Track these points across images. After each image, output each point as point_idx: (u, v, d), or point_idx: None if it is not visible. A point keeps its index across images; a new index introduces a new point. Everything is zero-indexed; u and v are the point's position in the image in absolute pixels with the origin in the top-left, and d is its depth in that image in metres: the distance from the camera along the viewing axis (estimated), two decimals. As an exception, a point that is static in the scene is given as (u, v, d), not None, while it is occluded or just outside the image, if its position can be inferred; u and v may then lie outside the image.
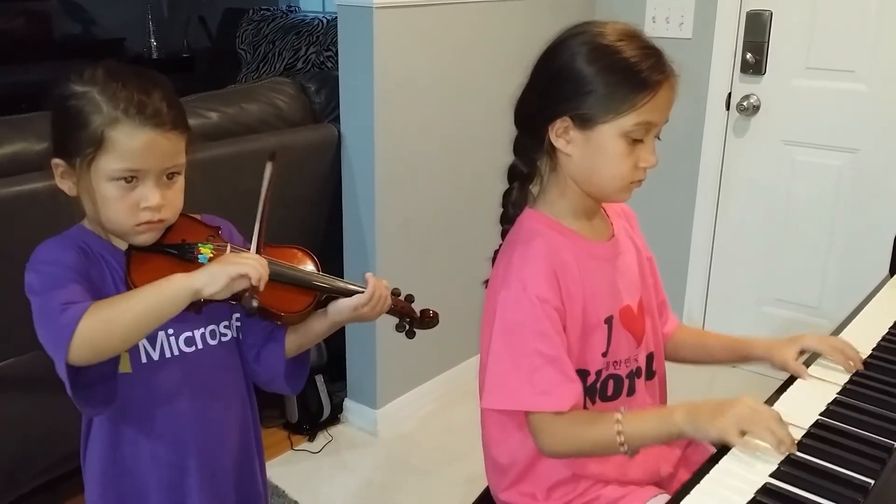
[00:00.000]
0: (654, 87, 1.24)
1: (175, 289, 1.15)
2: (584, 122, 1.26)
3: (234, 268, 1.16)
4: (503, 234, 1.41)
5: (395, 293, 1.41)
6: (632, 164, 1.28)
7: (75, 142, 1.19)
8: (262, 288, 1.18)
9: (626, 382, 1.39)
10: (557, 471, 1.37)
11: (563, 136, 1.29)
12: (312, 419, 2.70)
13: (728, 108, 3.03)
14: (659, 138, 1.31)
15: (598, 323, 1.35)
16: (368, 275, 1.35)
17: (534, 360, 1.26)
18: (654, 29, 3.05)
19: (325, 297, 1.34)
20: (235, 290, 1.16)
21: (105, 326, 1.12)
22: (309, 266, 1.36)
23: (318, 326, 1.35)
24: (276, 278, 1.29)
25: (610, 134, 1.26)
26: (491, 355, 1.31)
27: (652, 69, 1.24)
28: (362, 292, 1.35)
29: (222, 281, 1.15)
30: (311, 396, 2.68)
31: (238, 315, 1.35)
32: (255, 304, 1.16)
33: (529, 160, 1.36)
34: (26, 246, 1.25)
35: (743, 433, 1.15)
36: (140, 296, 1.15)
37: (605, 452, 1.30)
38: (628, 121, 1.24)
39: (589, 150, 1.28)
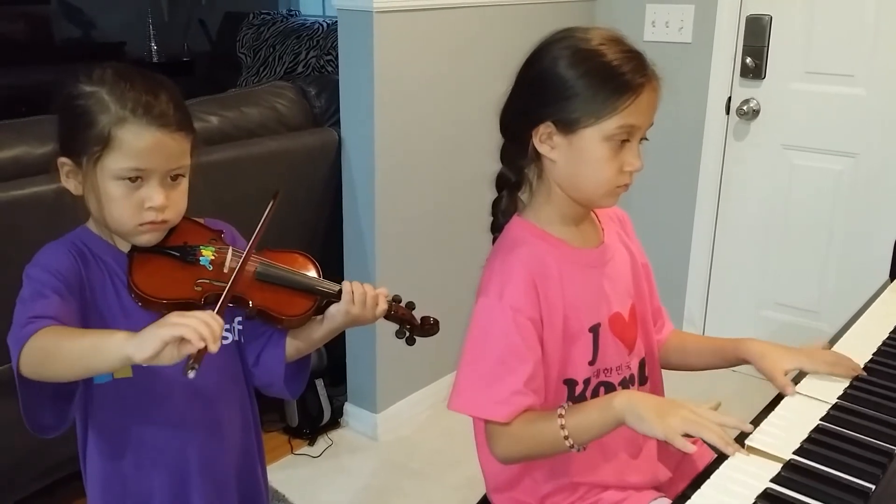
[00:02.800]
0: (635, 90, 1.23)
1: (109, 348, 1.08)
2: (567, 126, 1.26)
3: (167, 330, 1.04)
4: (494, 242, 1.41)
5: (396, 300, 1.40)
6: (616, 168, 1.27)
7: (82, 140, 1.20)
8: (213, 349, 1.05)
9: (619, 390, 1.38)
10: (553, 478, 1.36)
11: (547, 141, 1.28)
12: (312, 423, 2.70)
13: (728, 113, 3.03)
14: (646, 138, 1.30)
15: (582, 331, 1.34)
16: (343, 282, 1.34)
17: (496, 370, 1.26)
18: (654, 34, 3.06)
19: (326, 302, 1.34)
20: (181, 354, 1.05)
21: (45, 354, 1.11)
22: (310, 271, 1.36)
23: (317, 332, 1.35)
24: (276, 282, 1.30)
25: (593, 138, 1.25)
26: (461, 359, 1.31)
27: (634, 72, 1.24)
28: None
29: (153, 345, 1.04)
30: (312, 400, 2.68)
31: (240, 318, 1.36)
32: (191, 374, 1.04)
33: (516, 167, 1.35)
34: (27, 249, 1.25)
35: (686, 436, 1.14)
36: (82, 340, 1.11)
37: (556, 451, 1.26)
38: (610, 124, 1.24)
39: (572, 155, 1.27)
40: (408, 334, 1.43)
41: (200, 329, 1.04)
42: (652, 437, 1.18)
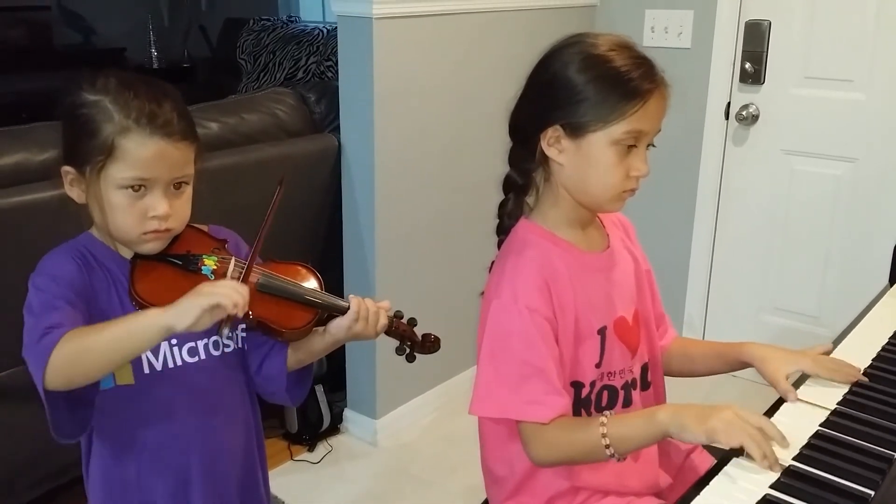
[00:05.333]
0: (643, 95, 1.25)
1: (146, 325, 1.12)
2: (575, 130, 1.27)
3: (205, 299, 1.11)
4: (499, 245, 1.41)
5: (398, 315, 1.39)
6: (623, 172, 1.28)
7: (86, 149, 1.20)
8: (240, 314, 1.14)
9: (622, 394, 1.39)
10: (555, 482, 1.36)
11: (555, 144, 1.30)
12: (312, 429, 2.70)
13: (727, 118, 3.04)
14: (654, 145, 1.32)
15: (591, 333, 1.35)
16: (351, 296, 1.33)
17: (521, 370, 1.27)
18: (654, 39, 3.06)
19: (327, 315, 1.34)
20: (213, 320, 1.13)
21: (76, 355, 1.12)
22: (312, 283, 1.35)
23: (317, 344, 1.35)
24: (278, 294, 1.29)
25: (600, 142, 1.26)
26: (480, 363, 1.31)
27: (642, 78, 1.25)
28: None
29: (194, 314, 1.10)
30: (311, 406, 2.67)
31: (243, 326, 1.35)
32: (226, 332, 1.15)
33: (524, 171, 1.36)
34: (27, 256, 1.25)
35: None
36: (112, 329, 1.14)
37: (594, 458, 1.28)
38: (618, 129, 1.25)
39: (580, 159, 1.29)
40: (408, 351, 1.41)
41: (233, 296, 1.12)
42: (695, 443, 1.18)
